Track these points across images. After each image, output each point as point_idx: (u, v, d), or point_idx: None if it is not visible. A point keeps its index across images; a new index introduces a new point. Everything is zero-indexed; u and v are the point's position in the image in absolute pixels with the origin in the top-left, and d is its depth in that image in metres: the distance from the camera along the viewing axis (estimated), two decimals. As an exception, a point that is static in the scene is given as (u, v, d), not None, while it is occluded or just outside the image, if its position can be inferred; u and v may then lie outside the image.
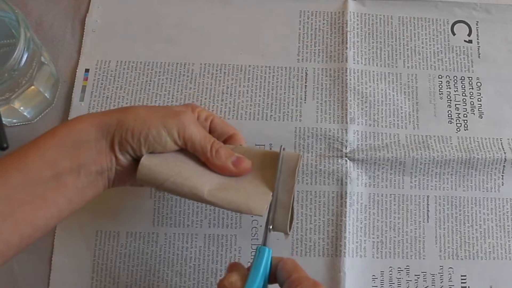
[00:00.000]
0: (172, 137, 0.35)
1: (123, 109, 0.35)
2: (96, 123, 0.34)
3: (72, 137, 0.33)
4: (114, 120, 0.34)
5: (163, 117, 0.34)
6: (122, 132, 0.33)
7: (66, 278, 0.44)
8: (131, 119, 0.34)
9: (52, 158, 0.32)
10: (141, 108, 0.35)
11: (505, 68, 0.52)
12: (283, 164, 0.37)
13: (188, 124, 0.35)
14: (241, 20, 0.52)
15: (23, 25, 0.40)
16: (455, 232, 0.47)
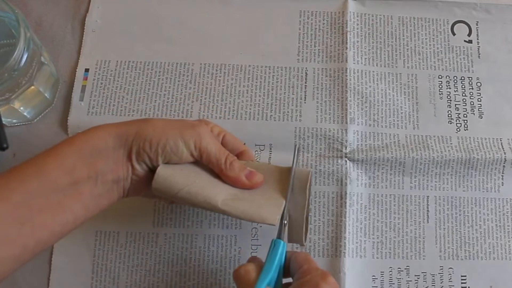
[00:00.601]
0: (189, 148, 0.36)
1: (141, 120, 0.36)
2: (115, 133, 0.34)
3: (90, 145, 0.34)
4: (133, 130, 0.35)
5: (180, 128, 0.35)
6: (140, 142, 0.34)
7: (66, 278, 0.44)
8: (150, 129, 0.35)
9: (70, 166, 0.33)
10: (159, 119, 0.36)
11: (505, 68, 0.52)
12: (294, 180, 0.38)
13: (204, 136, 0.36)
14: (241, 20, 0.52)
15: (23, 25, 0.40)
16: (455, 233, 0.47)
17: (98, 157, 0.34)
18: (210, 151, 0.36)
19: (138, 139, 0.34)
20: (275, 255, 0.34)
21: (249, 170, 0.38)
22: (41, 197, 0.32)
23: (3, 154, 0.46)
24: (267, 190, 0.37)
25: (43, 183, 0.32)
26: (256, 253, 0.45)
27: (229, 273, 0.45)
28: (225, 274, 0.45)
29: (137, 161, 0.35)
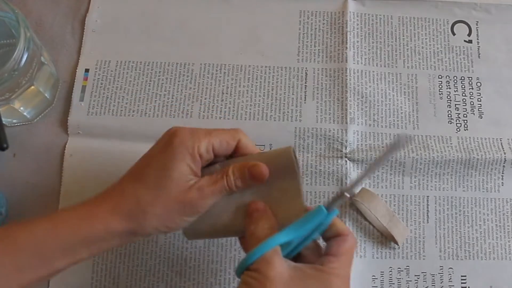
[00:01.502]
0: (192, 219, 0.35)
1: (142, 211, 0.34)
2: (120, 230, 0.33)
3: (93, 237, 0.33)
4: (138, 226, 0.34)
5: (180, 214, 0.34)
6: (151, 233, 0.34)
7: (66, 278, 0.44)
8: (153, 226, 0.34)
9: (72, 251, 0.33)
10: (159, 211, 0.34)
11: (505, 68, 0.52)
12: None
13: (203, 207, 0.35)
14: (241, 20, 0.52)
15: (23, 25, 0.40)
16: (455, 233, 0.47)
17: (101, 243, 0.34)
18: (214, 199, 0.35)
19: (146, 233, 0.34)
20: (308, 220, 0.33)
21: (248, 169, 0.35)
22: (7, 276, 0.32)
23: (3, 154, 0.46)
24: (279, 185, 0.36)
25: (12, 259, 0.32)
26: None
27: (229, 273, 0.45)
28: (225, 274, 0.45)
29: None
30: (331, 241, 0.34)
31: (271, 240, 0.32)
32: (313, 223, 0.33)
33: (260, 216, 0.35)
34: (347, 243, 0.34)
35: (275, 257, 0.32)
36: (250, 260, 0.32)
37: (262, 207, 0.35)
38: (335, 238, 0.34)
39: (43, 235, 0.32)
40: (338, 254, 0.33)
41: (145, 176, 0.34)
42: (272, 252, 0.32)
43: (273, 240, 0.32)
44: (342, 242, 0.34)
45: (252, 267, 0.32)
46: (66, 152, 0.47)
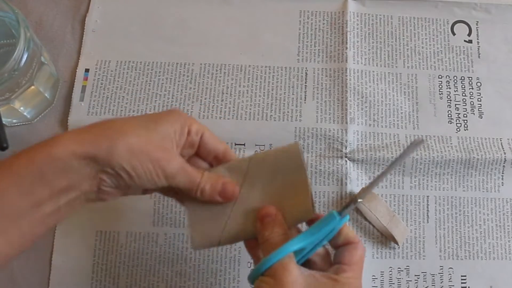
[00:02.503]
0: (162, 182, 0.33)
1: (110, 135, 0.32)
2: (80, 154, 0.30)
3: (52, 166, 0.30)
4: (103, 151, 0.31)
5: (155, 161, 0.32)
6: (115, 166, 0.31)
7: (66, 278, 0.44)
8: (123, 152, 0.31)
9: (28, 188, 0.30)
10: (132, 138, 0.32)
11: (505, 68, 0.52)
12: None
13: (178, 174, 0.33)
14: (241, 20, 0.52)
15: (23, 25, 0.40)
16: (455, 232, 0.47)
17: (61, 177, 0.30)
18: (181, 187, 0.34)
19: (112, 164, 0.31)
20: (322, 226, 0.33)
21: (222, 185, 0.35)
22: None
23: (3, 154, 0.46)
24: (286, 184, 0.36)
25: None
26: (256, 253, 0.45)
27: (229, 273, 0.45)
28: (225, 274, 0.45)
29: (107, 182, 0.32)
30: (342, 249, 0.34)
31: (286, 246, 0.32)
32: (326, 229, 0.33)
33: (273, 222, 0.34)
34: (358, 251, 0.33)
35: (291, 264, 0.31)
36: (266, 266, 0.32)
37: (274, 212, 0.35)
38: (346, 247, 0.34)
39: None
40: (351, 263, 0.33)
41: (130, 118, 0.34)
42: (287, 258, 0.32)
43: (288, 246, 0.32)
44: (354, 250, 0.33)
45: (267, 273, 0.31)
46: (66, 152, 0.47)
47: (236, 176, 0.36)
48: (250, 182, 0.36)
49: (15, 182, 0.30)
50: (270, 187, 0.36)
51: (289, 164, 0.35)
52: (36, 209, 0.30)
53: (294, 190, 0.35)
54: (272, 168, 0.36)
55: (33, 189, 0.30)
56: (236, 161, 0.37)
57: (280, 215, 0.35)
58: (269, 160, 0.36)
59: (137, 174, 0.32)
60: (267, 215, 0.35)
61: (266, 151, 0.37)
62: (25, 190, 0.30)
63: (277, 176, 0.36)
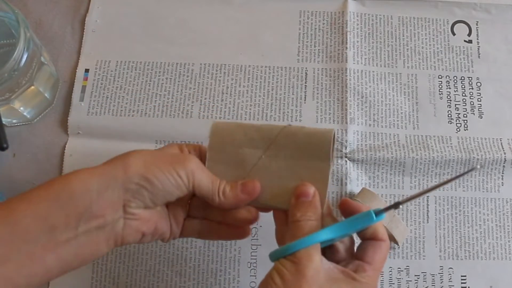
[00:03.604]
0: (185, 184, 0.33)
1: (123, 156, 0.32)
2: (98, 174, 0.31)
3: (68, 188, 0.30)
4: (119, 168, 0.31)
5: (172, 163, 0.32)
6: (135, 179, 0.31)
7: (66, 278, 0.44)
8: (140, 164, 0.31)
9: (44, 211, 0.29)
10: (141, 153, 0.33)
11: (505, 68, 0.52)
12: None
13: (197, 171, 0.33)
14: (241, 20, 0.52)
15: (23, 25, 0.40)
16: (455, 233, 0.47)
17: (78, 201, 0.30)
18: (203, 187, 0.34)
19: (132, 177, 0.31)
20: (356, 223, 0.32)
21: (241, 184, 0.35)
22: (7, 247, 0.28)
23: (3, 154, 0.46)
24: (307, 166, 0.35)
25: (12, 230, 0.28)
26: (256, 253, 0.45)
27: (229, 273, 0.45)
28: (225, 274, 0.45)
29: (133, 201, 0.31)
30: (367, 243, 0.33)
31: (315, 236, 0.31)
32: (359, 226, 0.33)
33: (308, 205, 0.33)
34: (383, 251, 0.33)
35: (316, 255, 0.31)
36: (291, 250, 0.31)
37: (312, 193, 0.34)
38: (372, 242, 0.33)
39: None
40: (373, 262, 0.32)
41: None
42: (314, 249, 0.31)
43: (317, 236, 0.31)
44: (379, 248, 0.33)
45: (290, 257, 0.31)
46: (66, 152, 0.47)
47: (261, 140, 0.36)
48: (274, 151, 0.36)
49: (31, 208, 0.29)
50: (292, 163, 0.35)
51: (317, 148, 0.35)
52: (50, 234, 0.29)
53: (313, 175, 0.35)
54: (300, 145, 0.35)
55: (48, 214, 0.29)
56: (268, 125, 0.37)
57: (317, 197, 0.34)
58: (300, 137, 0.36)
59: (158, 179, 0.32)
60: (304, 194, 0.34)
61: (301, 126, 0.36)
62: (40, 215, 0.29)
63: (302, 155, 0.35)
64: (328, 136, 0.35)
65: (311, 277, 0.30)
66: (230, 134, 0.37)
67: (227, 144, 0.36)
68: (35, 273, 0.29)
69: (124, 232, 0.32)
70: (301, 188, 0.34)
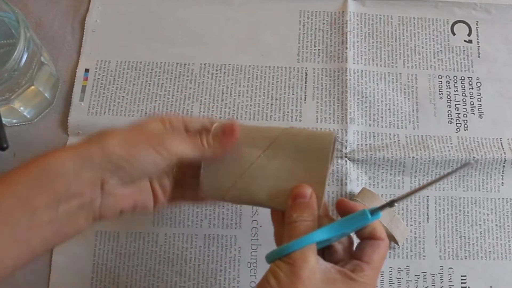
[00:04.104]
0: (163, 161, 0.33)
1: (99, 136, 0.32)
2: (75, 155, 0.31)
3: (47, 170, 0.30)
4: (96, 148, 0.31)
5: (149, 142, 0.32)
6: (111, 158, 0.31)
7: (66, 278, 0.44)
8: (117, 145, 0.31)
9: (24, 194, 0.29)
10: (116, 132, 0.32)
11: (505, 68, 0.52)
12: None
13: (174, 145, 0.33)
14: (241, 20, 0.52)
15: (23, 25, 0.40)
16: (455, 232, 0.47)
17: (57, 182, 0.30)
18: (188, 157, 0.34)
19: (109, 156, 0.31)
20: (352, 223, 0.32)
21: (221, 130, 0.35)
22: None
23: (3, 154, 0.46)
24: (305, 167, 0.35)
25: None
26: (256, 253, 0.45)
27: (229, 273, 0.45)
28: (225, 274, 0.45)
29: (110, 180, 0.31)
30: (365, 243, 0.33)
31: (311, 236, 0.31)
32: (355, 226, 0.32)
33: (305, 206, 0.33)
34: (381, 250, 0.33)
35: (311, 256, 0.31)
36: (286, 252, 0.31)
37: (309, 194, 0.34)
38: (370, 242, 0.33)
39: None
40: (371, 262, 0.32)
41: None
42: (309, 250, 0.31)
43: (313, 236, 0.31)
44: (377, 248, 0.33)
45: (285, 259, 0.31)
46: (66, 152, 0.47)
47: (262, 140, 0.36)
48: (273, 151, 0.36)
49: (11, 190, 0.30)
50: (291, 164, 0.35)
51: (317, 151, 0.35)
52: (32, 216, 0.29)
53: (311, 177, 0.35)
54: (300, 147, 0.36)
55: (28, 196, 0.29)
56: (269, 127, 0.37)
57: (314, 198, 0.34)
58: (300, 139, 0.36)
59: (137, 158, 0.32)
60: (301, 195, 0.34)
61: (301, 129, 0.37)
62: (21, 197, 0.29)
63: (301, 157, 0.35)
64: (328, 138, 0.35)
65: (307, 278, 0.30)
66: None
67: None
68: (19, 255, 0.30)
69: (102, 209, 0.32)
70: (298, 189, 0.34)
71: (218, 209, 0.46)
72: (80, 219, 0.31)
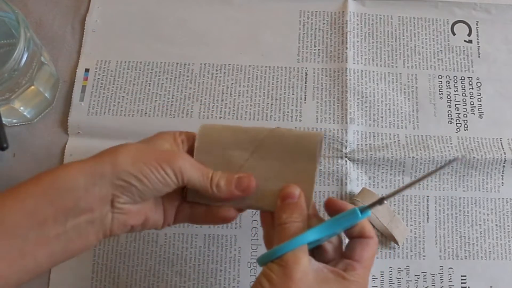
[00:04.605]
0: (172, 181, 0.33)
1: (111, 151, 0.32)
2: (86, 170, 0.31)
3: (57, 184, 0.30)
4: (107, 164, 0.31)
5: (158, 160, 0.32)
6: (122, 175, 0.31)
7: (66, 278, 0.44)
8: (128, 161, 0.31)
9: (32, 207, 0.29)
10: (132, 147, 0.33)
11: (505, 68, 0.52)
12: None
13: (185, 168, 0.33)
14: (241, 20, 0.52)
15: (23, 25, 0.40)
16: (455, 232, 0.47)
17: (66, 197, 0.30)
18: (194, 182, 0.34)
19: (120, 174, 0.31)
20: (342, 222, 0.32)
21: (237, 178, 0.35)
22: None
23: (3, 154, 0.46)
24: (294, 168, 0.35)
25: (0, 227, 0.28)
26: (256, 253, 0.45)
27: (229, 273, 0.45)
28: (225, 274, 0.45)
29: (121, 197, 0.31)
30: (355, 242, 0.33)
31: (302, 237, 0.31)
32: (345, 225, 0.33)
33: (294, 206, 0.33)
34: (371, 247, 0.33)
35: (303, 257, 0.31)
36: (277, 254, 0.31)
37: (298, 194, 0.34)
38: (359, 240, 0.33)
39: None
40: (362, 260, 0.32)
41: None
42: (300, 251, 0.31)
43: (304, 237, 0.31)
44: (367, 246, 0.33)
45: (277, 261, 0.31)
46: (66, 152, 0.47)
47: (249, 142, 0.36)
48: (261, 152, 0.36)
49: (20, 203, 0.29)
50: (278, 165, 0.35)
51: (304, 151, 0.35)
52: (40, 230, 0.29)
53: (299, 177, 0.35)
54: (287, 147, 0.36)
55: (37, 210, 0.29)
56: (256, 128, 0.37)
57: (303, 198, 0.34)
58: (288, 139, 0.36)
59: (147, 177, 0.31)
60: (290, 196, 0.34)
61: (288, 129, 0.36)
62: (29, 210, 0.29)
63: (289, 157, 0.35)
64: (315, 139, 0.35)
65: (300, 279, 0.30)
66: (217, 136, 0.36)
67: (214, 145, 0.36)
68: (26, 269, 0.30)
69: (113, 225, 0.32)
70: (287, 189, 0.34)
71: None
72: (90, 234, 0.31)
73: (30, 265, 0.29)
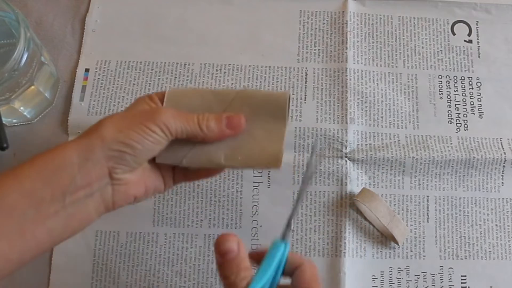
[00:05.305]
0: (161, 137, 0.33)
1: (97, 125, 0.32)
2: (77, 147, 0.31)
3: (51, 164, 0.31)
4: (95, 138, 0.31)
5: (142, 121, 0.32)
6: (112, 145, 0.31)
7: (66, 278, 0.44)
8: (113, 130, 0.32)
9: (29, 187, 0.30)
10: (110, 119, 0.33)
11: (505, 68, 0.52)
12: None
13: (168, 121, 0.33)
14: (241, 20, 0.52)
15: (23, 25, 0.40)
16: (455, 232, 0.47)
17: (61, 175, 0.30)
18: (182, 130, 0.34)
19: (110, 144, 0.31)
20: (273, 256, 0.32)
21: (226, 118, 0.35)
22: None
23: (3, 154, 0.46)
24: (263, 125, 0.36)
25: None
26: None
27: (229, 273, 0.45)
28: (225, 274, 0.45)
29: (117, 167, 0.32)
30: (293, 276, 0.33)
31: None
32: (277, 258, 0.32)
33: (236, 259, 0.32)
34: (307, 273, 0.32)
35: None
36: None
37: (236, 247, 0.32)
38: (296, 272, 0.32)
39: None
40: (306, 282, 0.31)
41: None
42: None
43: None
44: (301, 273, 0.32)
45: None
46: (66, 152, 0.47)
47: (218, 104, 0.36)
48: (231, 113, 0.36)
49: (17, 183, 0.30)
50: (248, 126, 0.36)
51: (274, 110, 0.36)
52: (38, 209, 0.30)
53: (270, 136, 0.35)
54: (256, 108, 0.36)
55: (34, 189, 0.30)
56: (223, 90, 0.37)
57: (243, 248, 0.33)
58: (256, 100, 0.36)
59: (135, 140, 0.32)
60: (229, 251, 0.32)
61: (256, 90, 0.37)
62: (26, 190, 0.30)
63: (259, 117, 0.36)
64: (284, 97, 0.36)
65: None
66: (186, 99, 0.36)
67: (183, 108, 0.36)
68: (27, 248, 0.30)
69: (115, 197, 0.33)
70: (224, 245, 0.32)
71: (218, 209, 0.46)
72: (90, 209, 0.32)
73: (30, 243, 0.30)
